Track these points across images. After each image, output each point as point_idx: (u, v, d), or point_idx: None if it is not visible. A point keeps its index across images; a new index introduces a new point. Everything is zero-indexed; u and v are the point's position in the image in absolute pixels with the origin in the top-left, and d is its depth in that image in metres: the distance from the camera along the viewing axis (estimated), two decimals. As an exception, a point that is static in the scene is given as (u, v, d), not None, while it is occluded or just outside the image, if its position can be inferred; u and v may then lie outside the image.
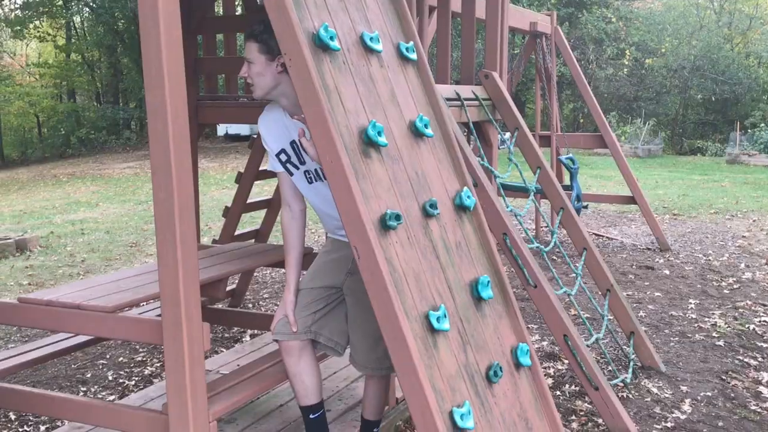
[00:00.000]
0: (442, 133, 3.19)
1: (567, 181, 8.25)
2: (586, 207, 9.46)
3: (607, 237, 8.83)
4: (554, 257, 7.55)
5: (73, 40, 29.99)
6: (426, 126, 3.01)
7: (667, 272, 7.03)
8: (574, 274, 4.46)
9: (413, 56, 3.14)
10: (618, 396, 4.08)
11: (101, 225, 11.15)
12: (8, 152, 28.45)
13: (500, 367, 2.83)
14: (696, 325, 5.41)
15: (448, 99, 4.22)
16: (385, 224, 2.56)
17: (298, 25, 2.52)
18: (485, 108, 4.57)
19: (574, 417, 3.91)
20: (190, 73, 4.10)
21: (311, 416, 2.98)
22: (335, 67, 2.68)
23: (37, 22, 28.96)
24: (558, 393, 4.21)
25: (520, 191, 5.54)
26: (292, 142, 2.87)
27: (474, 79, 4.74)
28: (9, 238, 9.35)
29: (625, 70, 25.78)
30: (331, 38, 2.65)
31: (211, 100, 4.21)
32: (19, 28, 27.27)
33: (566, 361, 4.57)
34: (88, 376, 4.60)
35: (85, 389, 4.37)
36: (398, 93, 3.00)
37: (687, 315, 5.65)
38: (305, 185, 2.92)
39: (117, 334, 2.69)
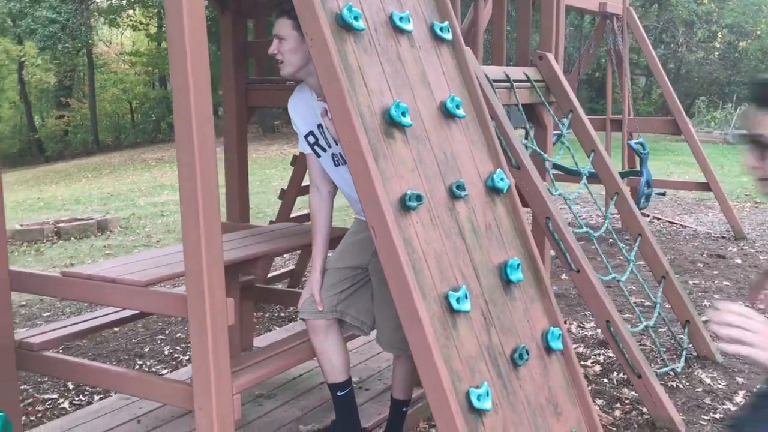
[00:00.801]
0: (477, 114, 3.16)
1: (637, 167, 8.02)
2: (663, 194, 9.19)
3: (680, 225, 8.56)
4: (623, 244, 7.36)
5: (163, 29, 30.88)
6: (458, 106, 2.99)
7: (739, 261, 6.77)
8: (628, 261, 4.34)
9: (448, 36, 3.12)
10: (667, 385, 3.98)
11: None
12: (103, 137, 29.61)
13: (527, 350, 2.80)
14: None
15: (497, 80, 4.17)
16: (404, 204, 2.57)
17: (319, 5, 2.54)
18: (537, 90, 4.49)
19: (618, 405, 3.83)
20: (240, 57, 4.19)
21: (338, 393, 3.02)
22: (360, 47, 2.69)
23: (131, 11, 29.96)
24: (605, 380, 4.13)
25: (573, 174, 5.45)
26: (320, 125, 2.90)
27: (529, 60, 4.67)
28: (91, 219, 9.76)
29: (717, 53, 24.79)
30: (356, 18, 2.66)
31: (260, 83, 4.30)
32: (113, 17, 28.28)
33: (618, 349, 4.47)
34: (146, 350, 4.78)
35: (141, 363, 4.55)
36: (429, 73, 2.99)
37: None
38: (332, 168, 2.95)
39: (147, 307, 2.79)
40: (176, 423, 3.41)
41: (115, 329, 5.19)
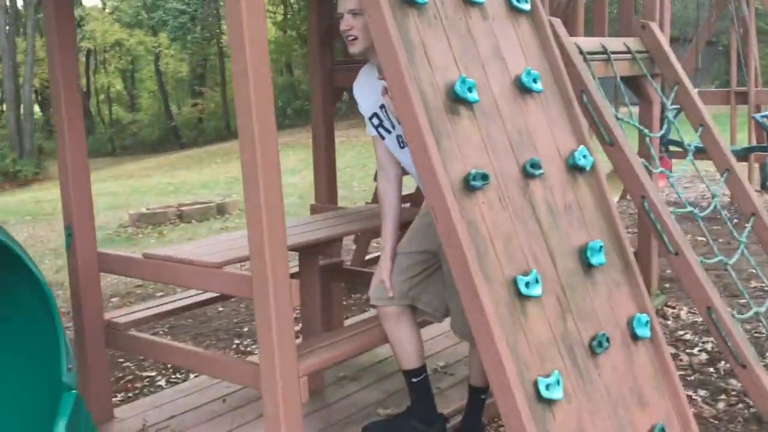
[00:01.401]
0: (559, 88, 3.01)
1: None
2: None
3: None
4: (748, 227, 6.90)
5: (288, 17, 31.56)
6: (535, 80, 2.84)
7: None
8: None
9: (525, 6, 2.97)
10: (780, 377, 3.68)
11: (297, 190, 11.73)
12: (234, 124, 30.60)
13: (607, 338, 2.65)
14: None
15: (591, 53, 3.95)
16: (468, 184, 2.46)
17: (376, -21, 2.45)
18: (639, 62, 4.23)
19: (723, 396, 3.58)
20: (325, 39, 4.17)
21: (413, 380, 2.96)
22: (424, 21, 2.59)
23: (258, 0, 30.73)
24: (711, 370, 3.88)
25: (680, 147, 5.15)
26: (382, 106, 2.83)
27: (632, 31, 4.41)
28: (212, 202, 10.11)
29: None
30: (419, -8, 2.56)
31: (346, 65, 4.27)
32: (240, 6, 29.07)
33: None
34: (245, 330, 4.89)
35: (238, 342, 4.65)
36: (504, 46, 2.86)
37: None
38: (397, 149, 2.88)
39: (217, 287, 2.82)
40: (259, 403, 3.45)
41: (220, 309, 5.35)
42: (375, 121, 2.88)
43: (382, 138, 2.89)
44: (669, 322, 4.64)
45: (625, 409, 2.66)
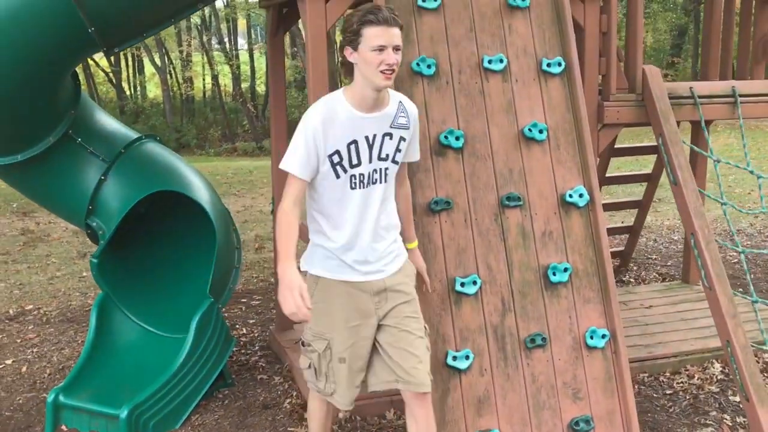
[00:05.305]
0: (578, 137, 3.69)
1: None
2: None
3: None
4: None
5: None
6: (541, 131, 3.62)
7: None
8: None
9: (556, 70, 3.71)
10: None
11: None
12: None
13: (543, 338, 3.43)
14: None
15: (711, 96, 4.30)
16: (429, 206, 3.45)
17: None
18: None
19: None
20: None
21: None
22: (432, 86, 3.57)
23: None
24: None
25: None
26: (353, 142, 2.80)
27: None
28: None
29: None
30: (428, 66, 3.56)
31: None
32: None
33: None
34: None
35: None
36: (520, 102, 3.66)
37: None
38: (346, 189, 2.83)
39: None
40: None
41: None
42: (335, 158, 2.78)
43: (337, 177, 2.80)
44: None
45: (551, 396, 3.43)
